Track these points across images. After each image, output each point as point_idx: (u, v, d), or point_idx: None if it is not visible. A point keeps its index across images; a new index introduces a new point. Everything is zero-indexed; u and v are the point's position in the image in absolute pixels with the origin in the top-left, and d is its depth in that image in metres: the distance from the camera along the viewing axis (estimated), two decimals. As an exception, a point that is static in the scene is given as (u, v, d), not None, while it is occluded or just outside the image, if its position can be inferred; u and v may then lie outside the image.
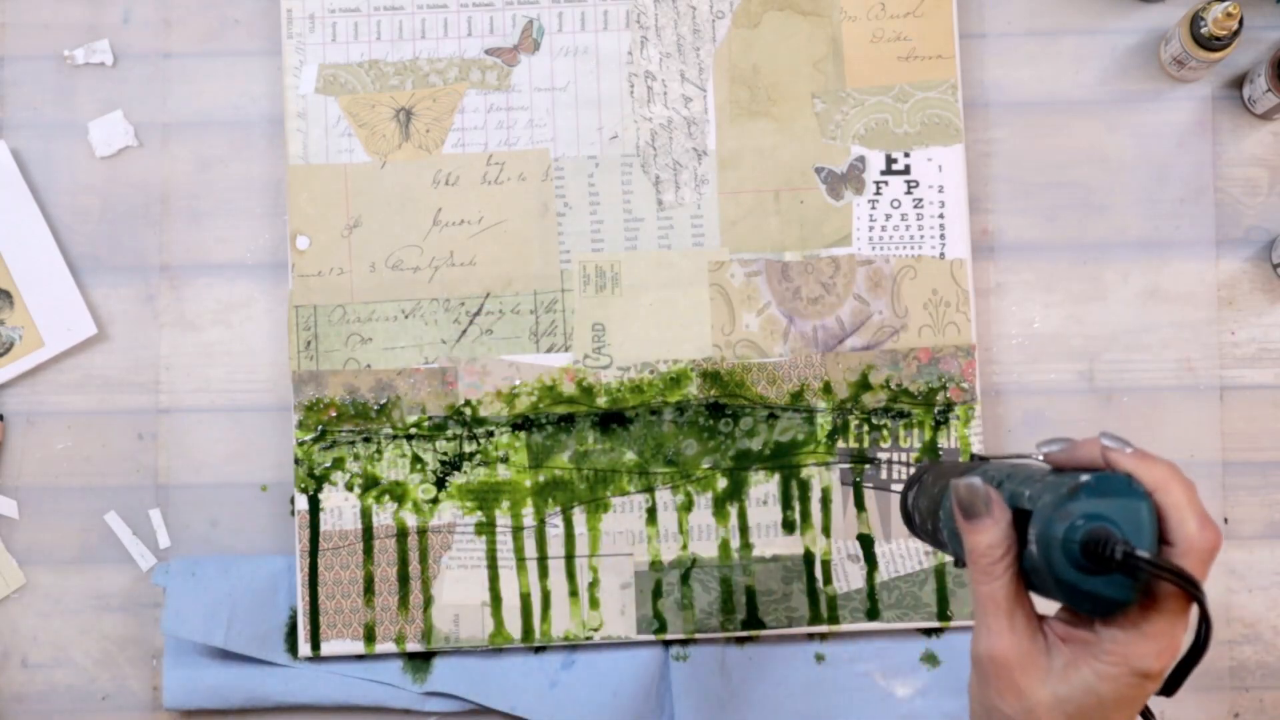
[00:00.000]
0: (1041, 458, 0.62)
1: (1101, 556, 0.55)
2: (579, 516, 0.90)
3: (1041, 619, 0.60)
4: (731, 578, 0.90)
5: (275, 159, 0.94)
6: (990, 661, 0.59)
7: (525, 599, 0.90)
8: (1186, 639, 0.59)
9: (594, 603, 0.90)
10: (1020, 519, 0.59)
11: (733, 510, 0.90)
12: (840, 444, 0.91)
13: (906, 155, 0.92)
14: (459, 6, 0.93)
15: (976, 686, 0.61)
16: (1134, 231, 0.94)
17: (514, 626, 0.90)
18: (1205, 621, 0.58)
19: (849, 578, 0.90)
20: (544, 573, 0.90)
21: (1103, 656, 0.58)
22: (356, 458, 0.90)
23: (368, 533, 0.90)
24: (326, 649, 0.90)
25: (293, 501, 0.92)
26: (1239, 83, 0.94)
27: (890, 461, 0.91)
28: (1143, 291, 0.93)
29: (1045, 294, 0.93)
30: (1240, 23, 0.88)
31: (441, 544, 0.90)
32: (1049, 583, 0.58)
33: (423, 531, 0.90)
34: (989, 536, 0.59)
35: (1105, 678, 0.58)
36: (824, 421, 0.90)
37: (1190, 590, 0.56)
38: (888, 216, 0.92)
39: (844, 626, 0.90)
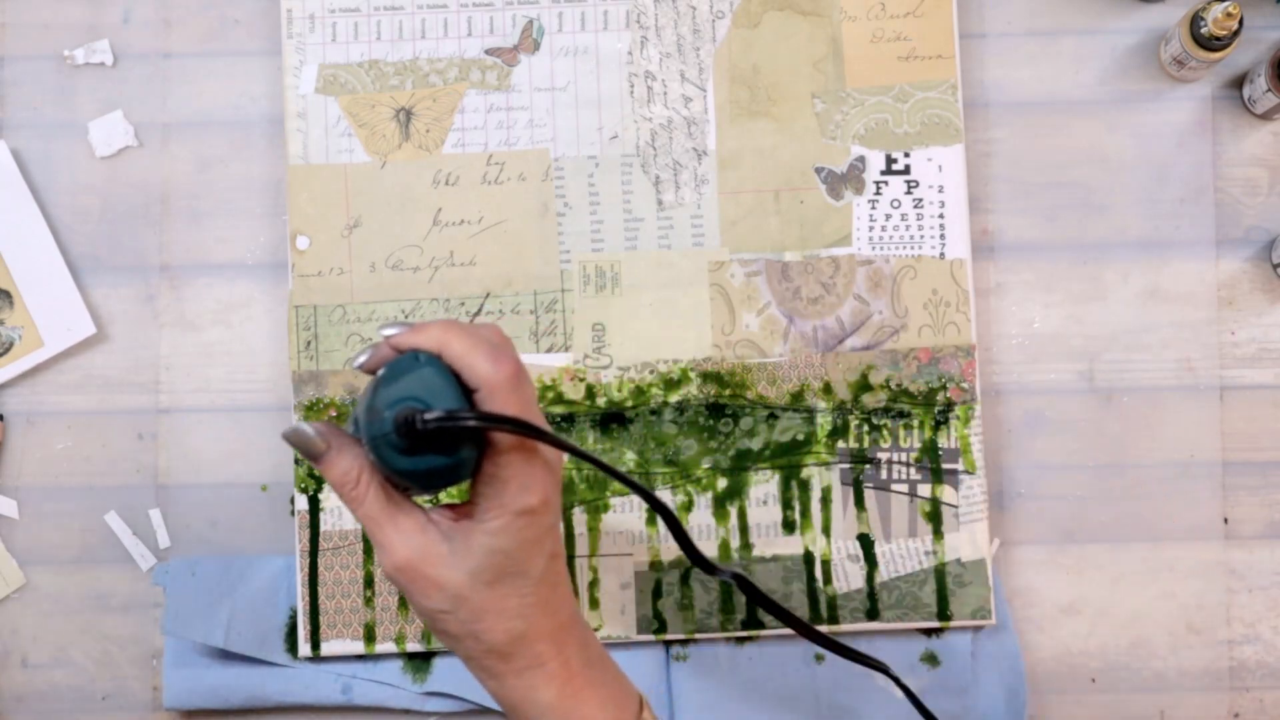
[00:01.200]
0: (358, 367, 0.65)
1: (419, 433, 0.58)
2: (579, 516, 0.90)
3: (429, 510, 0.64)
4: (731, 578, 0.90)
5: (275, 159, 0.94)
6: (400, 572, 0.62)
7: (525, 599, 0.90)
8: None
9: (594, 603, 0.90)
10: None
11: (733, 510, 0.90)
12: (840, 444, 0.91)
13: (906, 155, 0.92)
14: (459, 6, 0.93)
15: (408, 600, 0.64)
16: (1134, 231, 0.94)
17: (514, 626, 0.90)
18: (574, 451, 0.61)
19: (849, 578, 0.90)
20: (544, 573, 0.90)
21: (484, 516, 0.62)
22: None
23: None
24: (326, 649, 0.90)
25: (293, 501, 0.92)
26: (1239, 83, 0.94)
27: (890, 461, 0.91)
28: (1143, 291, 0.93)
29: (1045, 294, 0.93)
30: (1240, 23, 0.88)
31: (441, 544, 0.90)
32: (398, 479, 0.60)
33: (423, 531, 0.90)
34: (338, 467, 0.62)
35: (496, 533, 0.61)
36: (824, 421, 0.90)
37: (500, 425, 0.59)
38: (888, 216, 0.92)
39: (844, 626, 0.90)
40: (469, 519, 0.63)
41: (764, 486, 0.90)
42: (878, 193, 0.92)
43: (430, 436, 0.58)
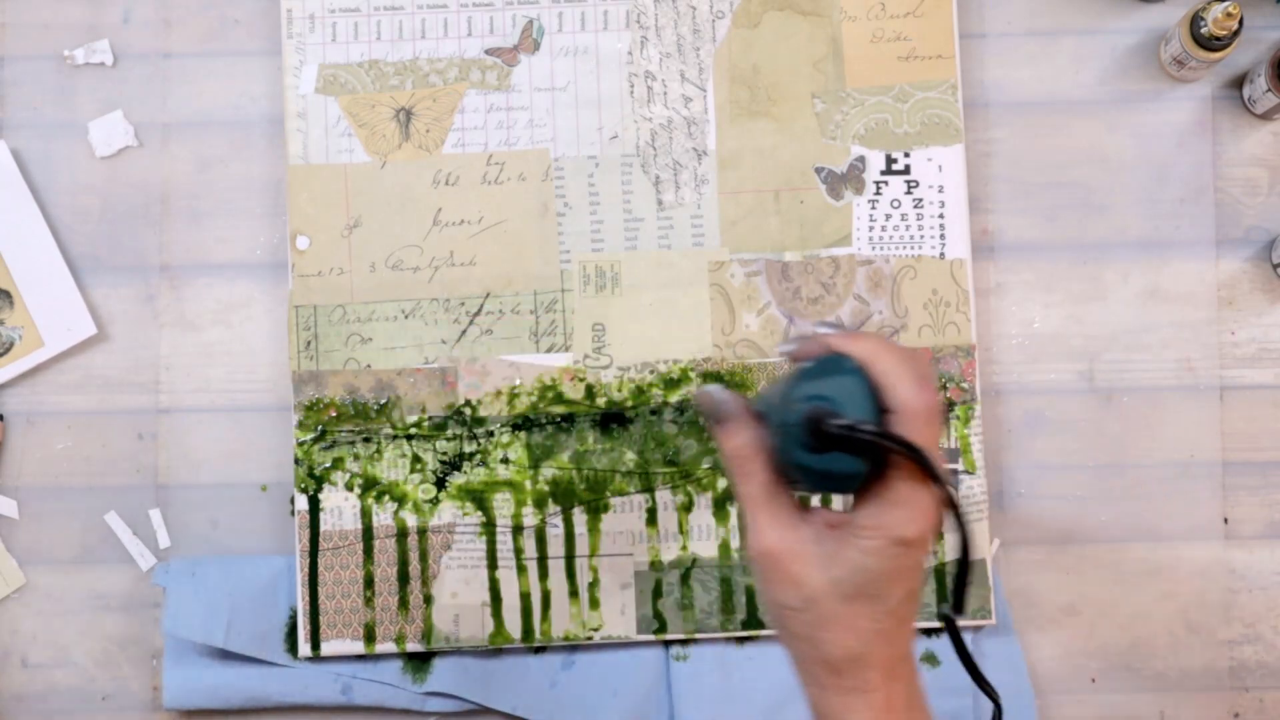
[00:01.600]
0: (784, 353, 0.64)
1: (823, 433, 0.58)
2: (579, 516, 0.90)
3: (808, 511, 0.63)
4: (731, 578, 0.90)
5: (275, 159, 0.94)
6: (763, 557, 0.62)
7: (525, 599, 0.90)
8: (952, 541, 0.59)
9: (594, 603, 0.90)
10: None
11: (733, 510, 0.90)
12: (840, 444, 0.90)
13: (906, 155, 0.92)
14: (459, 6, 0.93)
15: (760, 585, 0.63)
16: (1134, 231, 0.94)
17: (514, 626, 0.90)
18: (953, 506, 0.60)
19: (849, 578, 0.90)
20: (544, 573, 0.90)
21: (861, 533, 0.60)
22: (356, 458, 0.90)
23: (368, 533, 0.90)
24: (326, 649, 0.90)
25: (293, 501, 0.92)
26: (1239, 83, 0.94)
27: (890, 461, 0.90)
28: (1143, 291, 0.93)
29: (1045, 294, 0.93)
30: (1240, 23, 0.88)
31: (441, 544, 0.90)
32: (791, 471, 0.60)
33: (423, 531, 0.90)
34: (737, 439, 0.62)
35: (869, 552, 0.60)
36: (824, 421, 0.90)
37: (901, 450, 0.58)
38: (888, 216, 0.92)
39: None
40: (845, 527, 0.61)
41: (764, 486, 0.90)
42: (878, 193, 0.92)
43: (833, 440, 0.58)
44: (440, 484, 0.91)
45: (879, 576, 0.61)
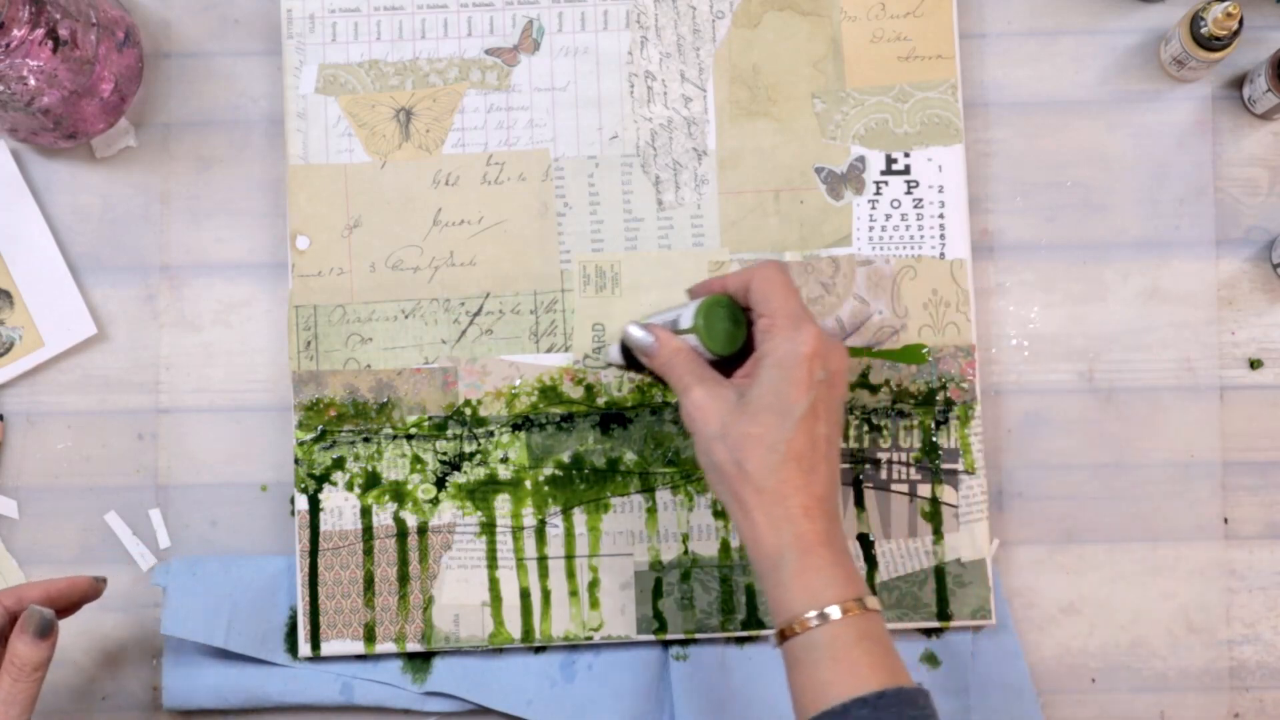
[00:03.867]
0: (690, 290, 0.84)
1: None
2: (579, 516, 0.90)
3: (726, 380, 0.78)
4: (731, 578, 0.90)
5: (275, 159, 0.94)
6: (693, 407, 0.77)
7: (525, 599, 0.90)
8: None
9: (594, 603, 0.90)
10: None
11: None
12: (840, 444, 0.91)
13: (906, 155, 0.92)
14: (459, 6, 0.93)
15: (695, 438, 0.78)
16: (1134, 231, 0.94)
17: (514, 626, 0.90)
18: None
19: (849, 578, 0.90)
20: (544, 573, 0.90)
21: (759, 362, 0.77)
22: (356, 458, 0.91)
23: (368, 533, 0.90)
24: (326, 649, 0.90)
25: (293, 501, 0.92)
26: (1239, 83, 0.94)
27: (890, 461, 0.91)
28: (1143, 291, 0.93)
29: (1045, 294, 0.93)
30: (1240, 23, 0.88)
31: (441, 544, 0.90)
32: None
33: (423, 531, 0.90)
34: (665, 349, 0.79)
35: (769, 366, 0.76)
36: (824, 421, 0.90)
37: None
38: (888, 216, 0.92)
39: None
40: (750, 368, 0.78)
41: (764, 486, 0.90)
42: (878, 193, 0.92)
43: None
44: (440, 484, 0.90)
45: (781, 389, 0.75)
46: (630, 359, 0.84)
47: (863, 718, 0.70)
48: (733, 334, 0.80)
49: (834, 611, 0.72)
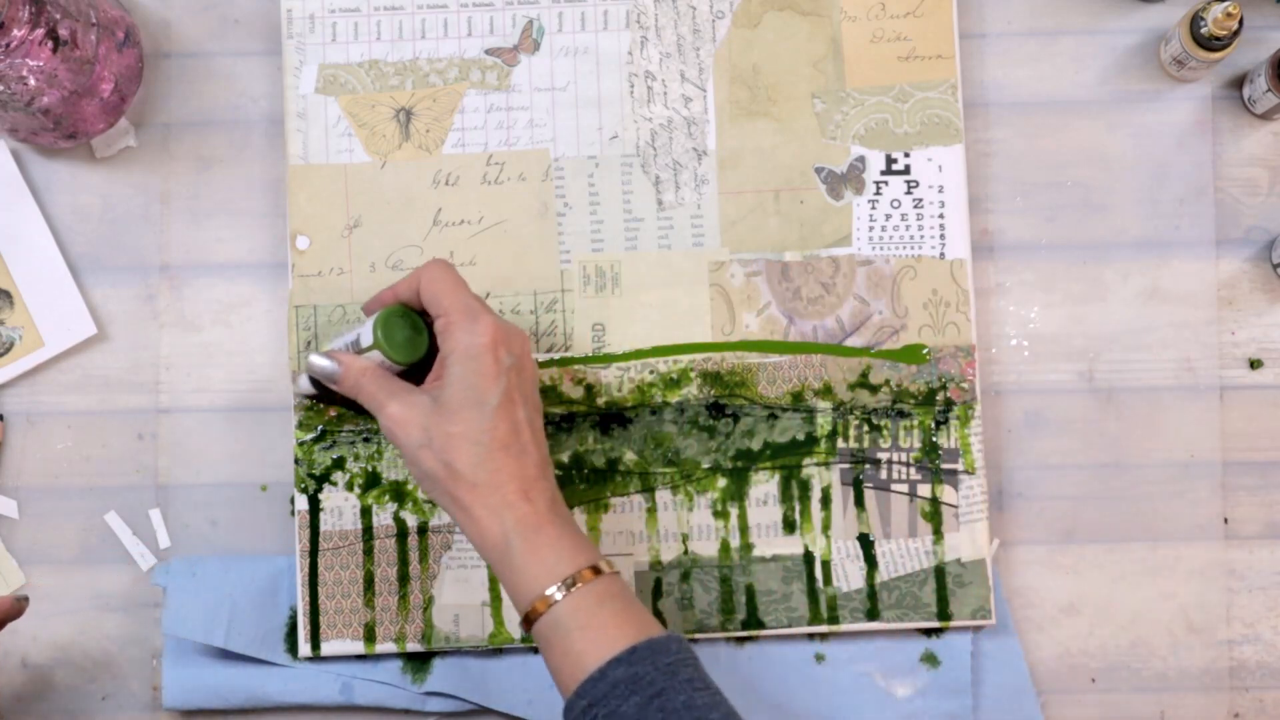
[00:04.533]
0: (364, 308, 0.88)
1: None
2: (579, 517, 0.90)
3: (417, 389, 0.80)
4: (731, 578, 0.90)
5: (275, 159, 0.94)
6: (392, 421, 0.79)
7: (525, 599, 0.90)
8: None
9: (594, 603, 0.90)
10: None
11: (733, 510, 0.90)
12: (840, 444, 0.91)
13: (906, 155, 0.92)
14: (459, 6, 0.93)
15: (401, 450, 0.79)
16: (1134, 231, 0.94)
17: (514, 626, 0.90)
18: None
19: (849, 578, 0.90)
20: (544, 573, 0.90)
21: (444, 361, 0.79)
22: (356, 458, 0.91)
23: (368, 533, 0.90)
24: (326, 649, 0.90)
25: (293, 501, 0.92)
26: (1239, 83, 0.94)
27: (890, 461, 0.91)
28: (1143, 291, 0.93)
29: (1045, 294, 0.93)
30: (1240, 23, 0.88)
31: (441, 544, 0.90)
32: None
33: (423, 531, 0.90)
34: (352, 371, 0.82)
35: (454, 363, 0.78)
36: (824, 421, 0.90)
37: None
38: (888, 216, 0.92)
39: (844, 626, 0.90)
40: (439, 371, 0.80)
41: (764, 486, 0.90)
42: (878, 193, 0.92)
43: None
44: (440, 484, 0.90)
45: (472, 383, 0.77)
46: (323, 390, 0.87)
47: (619, 676, 0.72)
48: (414, 340, 0.83)
49: (571, 581, 0.75)
